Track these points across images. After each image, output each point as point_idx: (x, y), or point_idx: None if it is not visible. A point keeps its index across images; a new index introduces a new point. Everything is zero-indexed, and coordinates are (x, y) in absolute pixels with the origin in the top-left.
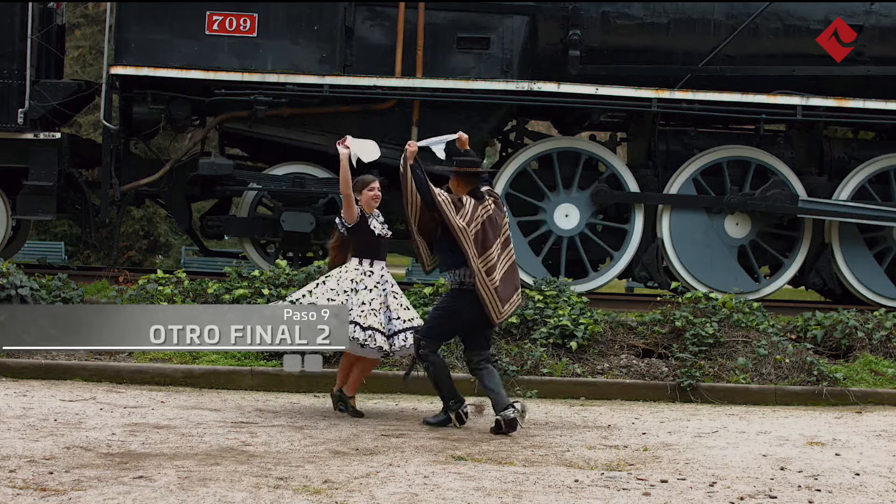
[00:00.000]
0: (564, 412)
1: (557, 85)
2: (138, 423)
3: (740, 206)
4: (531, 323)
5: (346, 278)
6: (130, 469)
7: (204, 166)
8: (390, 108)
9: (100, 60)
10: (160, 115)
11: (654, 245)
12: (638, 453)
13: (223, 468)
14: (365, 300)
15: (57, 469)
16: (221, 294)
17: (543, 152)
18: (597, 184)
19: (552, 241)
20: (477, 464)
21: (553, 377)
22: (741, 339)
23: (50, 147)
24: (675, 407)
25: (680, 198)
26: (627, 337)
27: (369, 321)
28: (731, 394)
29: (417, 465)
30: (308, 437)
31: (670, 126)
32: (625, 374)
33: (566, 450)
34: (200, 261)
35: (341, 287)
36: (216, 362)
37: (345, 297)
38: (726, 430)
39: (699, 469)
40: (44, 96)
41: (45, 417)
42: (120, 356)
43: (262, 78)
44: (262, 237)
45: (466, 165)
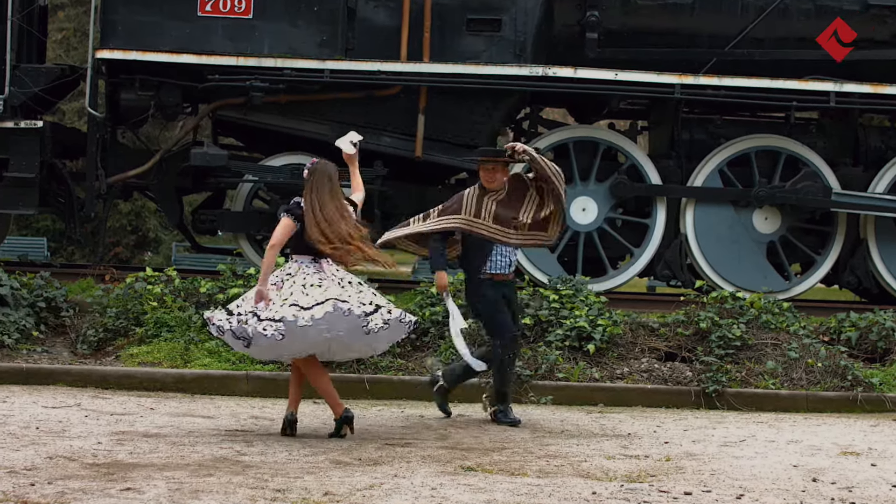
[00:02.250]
0: (581, 420)
1: (574, 70)
2: (126, 432)
3: (769, 200)
4: (546, 324)
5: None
6: (117, 480)
7: (196, 157)
8: (395, 95)
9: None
10: (149, 102)
11: (677, 241)
12: (660, 464)
13: (217, 479)
14: (308, 284)
15: (39, 480)
16: (215, 293)
17: (559, 142)
18: (616, 175)
19: (568, 237)
20: (488, 475)
21: (569, 382)
22: (770, 341)
23: (31, 136)
24: (699, 414)
25: (705, 190)
26: (649, 339)
27: (315, 296)
28: (759, 400)
29: (424, 477)
30: (307, 446)
31: (695, 114)
32: (646, 379)
33: (583, 460)
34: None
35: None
36: (209, 366)
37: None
38: (754, 439)
39: (725, 481)
40: (25, 82)
41: (27, 425)
42: (106, 360)
43: (259, 62)
44: (259, 232)
45: (485, 155)
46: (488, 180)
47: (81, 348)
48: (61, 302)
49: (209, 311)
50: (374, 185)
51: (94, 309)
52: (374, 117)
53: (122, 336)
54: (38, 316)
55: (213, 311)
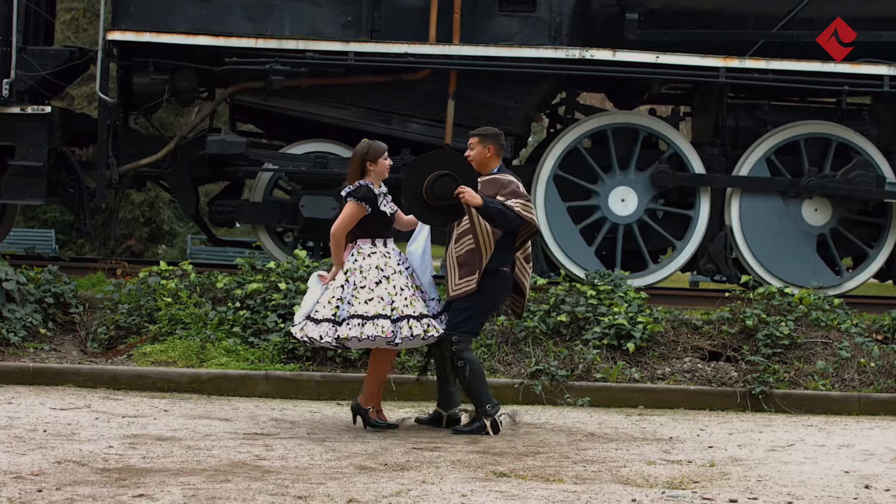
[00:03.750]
0: (620, 422)
1: (613, 52)
2: (138, 435)
3: (819, 190)
4: (583, 322)
5: (369, 268)
6: (130, 486)
7: (213, 144)
8: (423, 79)
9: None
10: (163, 87)
11: (721, 234)
12: (704, 469)
13: (234, 486)
14: (401, 285)
15: (47, 486)
16: (233, 289)
17: (597, 129)
18: (657, 164)
19: (606, 230)
20: (522, 481)
21: (608, 383)
22: (820, 340)
23: (39, 122)
24: (745, 417)
25: (751, 180)
26: (692, 338)
27: (418, 308)
28: (809, 402)
29: (454, 483)
30: (330, 450)
31: (740, 99)
32: (689, 380)
33: (622, 465)
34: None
35: (371, 280)
36: (226, 366)
37: (380, 290)
38: (803, 443)
39: (773, 487)
40: (32, 65)
41: (34, 428)
42: (118, 359)
43: (279, 44)
44: (279, 224)
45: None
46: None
47: (91, 347)
48: (70, 298)
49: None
50: (401, 174)
51: (104, 305)
52: (400, 103)
53: (134, 334)
54: (46, 312)
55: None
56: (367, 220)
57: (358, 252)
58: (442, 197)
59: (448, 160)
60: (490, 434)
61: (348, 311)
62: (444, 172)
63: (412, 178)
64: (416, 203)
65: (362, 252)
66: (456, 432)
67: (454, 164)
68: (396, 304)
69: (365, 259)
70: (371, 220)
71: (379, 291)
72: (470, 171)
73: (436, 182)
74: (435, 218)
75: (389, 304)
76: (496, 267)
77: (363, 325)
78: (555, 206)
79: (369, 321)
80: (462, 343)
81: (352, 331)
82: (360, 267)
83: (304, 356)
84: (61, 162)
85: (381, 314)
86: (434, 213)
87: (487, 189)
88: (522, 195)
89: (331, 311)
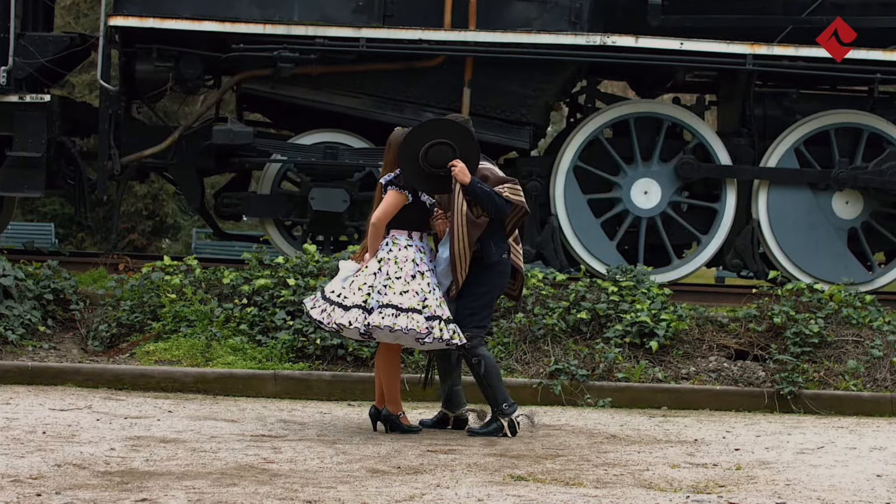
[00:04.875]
0: (643, 424)
1: (635, 39)
2: (141, 437)
3: (851, 182)
4: (604, 319)
5: (406, 260)
6: (132, 490)
7: (219, 134)
8: (438, 67)
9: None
10: (167, 74)
11: (748, 227)
12: (730, 473)
13: (241, 490)
14: (434, 284)
15: (46, 490)
16: (239, 285)
17: (618, 118)
18: (681, 155)
19: (629, 223)
20: (540, 485)
21: (630, 383)
22: (851, 338)
23: (38, 111)
24: (773, 418)
25: (780, 172)
26: (717, 336)
27: (446, 311)
28: (839, 403)
29: (470, 487)
30: (341, 453)
31: (768, 87)
32: (714, 380)
33: (645, 469)
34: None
35: (406, 273)
36: (233, 365)
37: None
38: (834, 446)
39: (802, 492)
40: (30, 52)
41: (33, 429)
42: (120, 358)
43: (288, 30)
44: (288, 218)
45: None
46: None
47: (92, 345)
48: (70, 294)
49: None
50: None
51: (106, 302)
52: (414, 91)
53: (137, 332)
54: (45, 309)
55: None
56: (406, 211)
57: (393, 243)
58: (436, 165)
59: (450, 130)
60: (507, 435)
61: (380, 300)
62: (442, 140)
63: (410, 140)
64: (410, 167)
65: (398, 243)
66: (471, 434)
67: (455, 135)
68: (429, 303)
69: (401, 251)
70: (410, 210)
71: (414, 286)
72: (470, 145)
73: (431, 149)
74: (424, 185)
75: (422, 301)
76: (496, 257)
77: (397, 315)
78: (575, 199)
79: (403, 313)
80: (475, 339)
81: (385, 320)
82: (396, 258)
83: (314, 355)
84: (61, 153)
85: (415, 308)
86: (425, 179)
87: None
88: (508, 179)
89: (361, 298)
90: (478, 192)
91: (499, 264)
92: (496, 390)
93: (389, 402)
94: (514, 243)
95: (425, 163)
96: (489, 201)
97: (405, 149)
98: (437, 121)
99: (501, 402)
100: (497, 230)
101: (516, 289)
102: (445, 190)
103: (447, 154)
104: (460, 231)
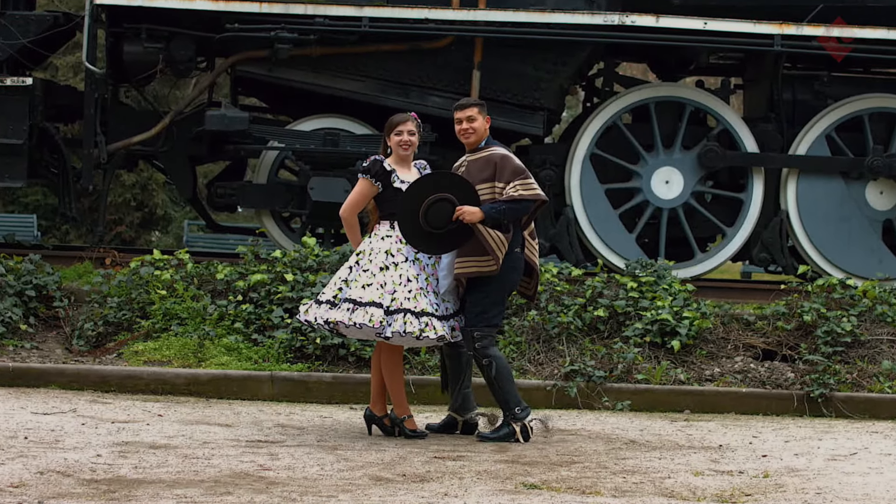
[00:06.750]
0: (664, 428)
1: (656, 18)
2: (130, 442)
3: (886, 171)
4: (623, 317)
5: (378, 251)
6: (120, 499)
7: (212, 120)
8: (446, 48)
9: None
10: (157, 56)
11: (776, 219)
12: (757, 481)
13: (236, 499)
14: (409, 275)
15: (28, 499)
16: (234, 280)
17: (638, 102)
18: (705, 142)
19: (649, 214)
20: (555, 493)
21: (650, 385)
22: (886, 337)
23: (19, 95)
24: (803, 422)
25: (810, 160)
26: (743, 335)
27: (421, 304)
28: (873, 406)
29: (480, 496)
30: (342, 459)
31: (797, 70)
32: (740, 382)
33: (667, 476)
34: (207, 238)
35: (375, 265)
36: (227, 365)
37: (382, 276)
38: (867, 452)
39: (833, 500)
40: (11, 32)
41: (14, 434)
42: (107, 358)
43: (286, 9)
44: (285, 209)
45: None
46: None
47: (77, 344)
48: (54, 290)
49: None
50: (422, 151)
51: (92, 298)
52: (420, 74)
53: (125, 330)
54: (27, 306)
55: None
56: (381, 200)
57: (374, 234)
58: (440, 224)
59: (434, 183)
60: (520, 441)
61: (346, 294)
62: (436, 198)
63: (404, 213)
64: (418, 238)
65: (377, 234)
66: (482, 439)
67: (443, 185)
68: (397, 295)
69: (378, 242)
70: (385, 199)
71: (381, 278)
72: (462, 185)
73: (429, 210)
74: (442, 247)
75: (390, 294)
76: (509, 249)
77: (353, 310)
78: (591, 189)
79: (361, 308)
80: (485, 339)
81: (339, 314)
82: (372, 249)
83: (314, 355)
84: (44, 139)
85: (376, 302)
86: (439, 242)
87: (482, 171)
88: (520, 170)
89: (332, 294)
90: (495, 216)
91: (511, 258)
92: (508, 393)
93: (395, 404)
94: (529, 237)
95: (430, 227)
96: (510, 214)
97: (404, 224)
98: (415, 184)
99: (513, 406)
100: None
101: (531, 287)
102: (465, 241)
103: (445, 209)
104: (494, 239)
